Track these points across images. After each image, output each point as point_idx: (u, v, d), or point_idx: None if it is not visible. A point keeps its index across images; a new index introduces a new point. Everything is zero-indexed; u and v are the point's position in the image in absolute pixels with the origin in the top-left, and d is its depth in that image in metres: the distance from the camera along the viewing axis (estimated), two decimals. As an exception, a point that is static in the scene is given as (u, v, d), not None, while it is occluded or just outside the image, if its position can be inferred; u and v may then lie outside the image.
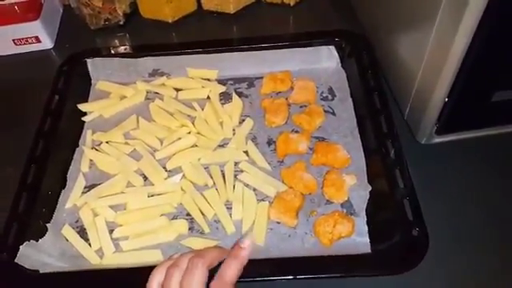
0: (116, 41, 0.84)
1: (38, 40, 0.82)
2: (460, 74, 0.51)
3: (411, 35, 0.59)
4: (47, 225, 0.58)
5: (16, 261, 0.53)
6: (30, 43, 0.83)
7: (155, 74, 0.74)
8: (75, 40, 0.84)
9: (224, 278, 0.41)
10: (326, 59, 0.72)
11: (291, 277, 0.49)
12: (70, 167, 0.64)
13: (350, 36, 0.71)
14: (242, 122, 0.68)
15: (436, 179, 0.59)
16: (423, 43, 0.54)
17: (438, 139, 0.61)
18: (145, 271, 0.51)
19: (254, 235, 0.55)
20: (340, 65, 0.71)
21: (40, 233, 0.57)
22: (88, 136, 0.68)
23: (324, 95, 0.69)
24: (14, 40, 0.82)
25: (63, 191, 0.62)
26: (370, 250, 0.52)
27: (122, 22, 0.85)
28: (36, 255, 0.54)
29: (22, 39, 0.82)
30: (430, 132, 0.60)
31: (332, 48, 0.71)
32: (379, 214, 0.55)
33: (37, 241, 0.55)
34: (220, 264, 0.43)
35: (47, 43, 0.83)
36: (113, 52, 0.76)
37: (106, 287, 0.53)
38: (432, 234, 0.51)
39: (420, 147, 0.61)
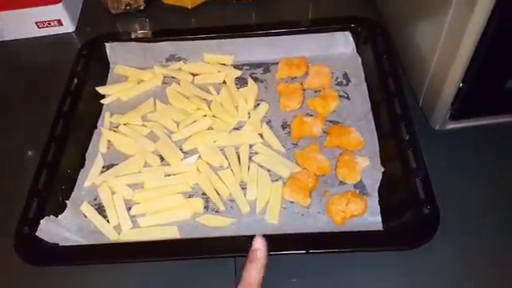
0: (136, 25, 0.85)
1: (60, 23, 0.84)
2: (474, 59, 0.51)
3: (426, 21, 0.59)
4: (66, 201, 0.59)
5: (37, 234, 0.55)
6: (52, 26, 0.84)
7: (172, 58, 0.76)
8: (96, 24, 0.86)
9: (246, 280, 0.42)
10: (341, 45, 0.72)
11: (304, 251, 0.50)
12: (89, 148, 0.66)
13: (366, 22, 0.72)
14: (257, 105, 0.68)
15: (449, 164, 0.60)
16: (438, 29, 0.54)
17: (451, 125, 0.61)
18: (162, 245, 0.53)
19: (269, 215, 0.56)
20: (355, 51, 0.72)
21: (59, 209, 0.58)
22: (106, 118, 0.69)
23: (339, 80, 0.70)
24: (36, 23, 0.84)
25: (82, 170, 0.63)
26: (381, 228, 0.53)
27: (142, 7, 0.86)
28: (56, 229, 0.56)
29: (45, 22, 0.83)
30: (444, 118, 0.60)
31: (348, 34, 0.71)
32: (391, 193, 0.55)
33: (56, 216, 0.57)
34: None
35: (69, 26, 0.85)
36: (131, 37, 0.77)
37: (124, 259, 0.54)
38: (444, 216, 0.51)
39: (434, 133, 0.62)
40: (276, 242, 0.51)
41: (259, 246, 0.44)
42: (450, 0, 0.50)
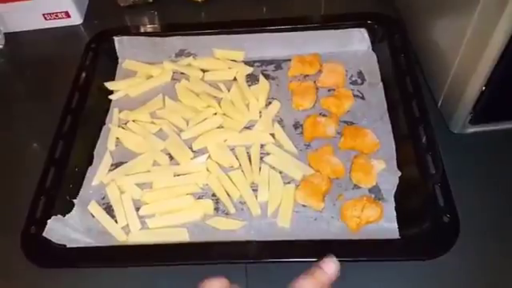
0: (145, 18, 0.84)
1: (67, 15, 0.82)
2: (500, 62, 0.49)
3: (450, 18, 0.56)
4: (74, 200, 0.58)
5: (44, 234, 0.53)
6: (59, 18, 0.83)
7: (182, 54, 0.74)
8: (104, 17, 0.84)
9: None
10: (356, 42, 0.70)
11: (317, 259, 0.48)
12: (97, 145, 0.65)
13: (383, 19, 0.69)
14: (268, 104, 0.67)
15: (469, 170, 0.58)
16: (463, 27, 0.52)
17: (471, 129, 0.59)
18: (171, 249, 0.52)
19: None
20: (371, 48, 0.69)
21: (67, 208, 0.57)
22: (115, 114, 0.68)
23: (353, 79, 0.68)
24: (44, 14, 0.82)
25: (90, 168, 0.62)
26: (398, 236, 0.51)
27: (151, 0, 0.84)
28: (63, 230, 0.55)
29: (52, 14, 0.82)
30: (464, 121, 0.58)
31: (363, 31, 0.69)
32: (409, 199, 0.54)
33: (64, 216, 0.56)
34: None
35: (76, 19, 0.83)
36: (140, 30, 0.76)
37: (132, 262, 0.53)
38: (463, 224, 0.49)
39: (453, 137, 0.60)
40: (288, 248, 0.50)
41: (329, 270, 0.38)
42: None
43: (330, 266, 0.39)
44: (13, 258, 0.53)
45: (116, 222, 0.57)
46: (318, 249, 0.49)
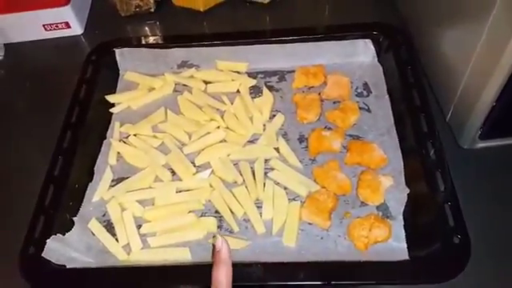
0: (146, 28, 0.82)
1: (67, 26, 0.81)
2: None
3: (460, 29, 0.55)
4: (74, 218, 0.57)
5: (43, 255, 0.52)
6: (59, 29, 0.82)
7: (184, 65, 0.72)
8: (105, 27, 0.83)
9: (217, 282, 0.42)
10: (361, 53, 0.68)
11: (325, 282, 0.47)
12: (98, 160, 0.63)
13: (389, 29, 0.68)
14: (272, 117, 0.65)
15: (479, 187, 0.56)
16: (473, 39, 0.50)
17: (481, 144, 0.57)
18: (173, 270, 0.50)
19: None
20: (376, 59, 0.68)
21: (67, 226, 0.55)
22: (116, 128, 0.66)
23: (359, 91, 0.66)
24: (44, 25, 0.81)
25: (90, 184, 0.61)
26: (407, 256, 0.50)
27: (152, 9, 0.83)
28: (62, 249, 0.53)
29: (52, 24, 0.81)
30: (474, 136, 0.56)
31: (368, 41, 0.67)
32: (417, 218, 0.52)
33: (63, 235, 0.54)
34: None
35: (77, 29, 0.83)
36: (141, 42, 0.74)
37: (133, 285, 0.52)
38: (474, 244, 0.47)
39: (462, 152, 0.58)
40: (295, 270, 0.48)
41: (221, 246, 0.44)
42: (491, 4, 0.46)
43: (219, 244, 0.44)
44: (11, 281, 0.52)
45: (117, 240, 0.56)
46: (324, 271, 0.48)
